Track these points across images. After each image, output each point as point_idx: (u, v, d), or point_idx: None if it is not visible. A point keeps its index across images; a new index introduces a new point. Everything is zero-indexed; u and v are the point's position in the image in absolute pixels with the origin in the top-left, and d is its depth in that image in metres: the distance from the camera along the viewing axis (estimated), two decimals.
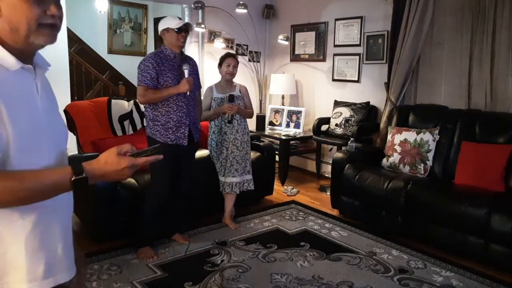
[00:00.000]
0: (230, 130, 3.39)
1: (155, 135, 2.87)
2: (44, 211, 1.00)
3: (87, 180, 0.96)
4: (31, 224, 0.98)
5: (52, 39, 1.00)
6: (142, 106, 3.86)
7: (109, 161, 1.00)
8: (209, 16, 5.08)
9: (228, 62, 3.39)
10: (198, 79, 3.13)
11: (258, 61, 5.63)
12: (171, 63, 2.88)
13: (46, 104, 1.06)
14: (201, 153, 3.62)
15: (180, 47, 2.91)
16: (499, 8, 3.43)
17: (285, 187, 4.58)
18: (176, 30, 2.82)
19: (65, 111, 3.53)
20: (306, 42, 5.33)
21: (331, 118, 4.70)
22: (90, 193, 3.01)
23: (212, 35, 5.17)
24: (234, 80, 3.54)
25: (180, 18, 2.93)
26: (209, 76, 5.08)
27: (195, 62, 3.10)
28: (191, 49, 5.12)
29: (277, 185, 4.47)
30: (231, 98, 3.36)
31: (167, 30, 2.85)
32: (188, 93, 2.85)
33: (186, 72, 2.85)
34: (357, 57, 4.71)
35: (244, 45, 5.44)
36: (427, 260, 2.93)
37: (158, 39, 2.99)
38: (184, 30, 2.86)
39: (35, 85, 1.03)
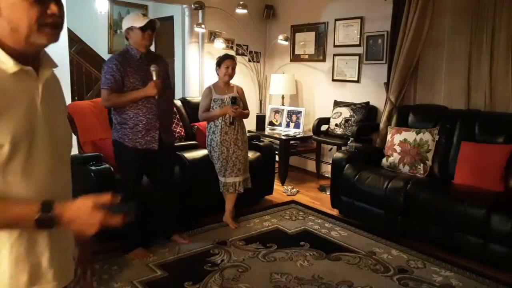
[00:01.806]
0: (231, 131, 3.40)
1: (123, 139, 2.71)
2: None
3: (53, 221, 0.89)
4: (17, 232, 0.94)
5: (55, 38, 0.97)
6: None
7: (83, 209, 0.92)
8: (209, 17, 5.09)
9: (227, 64, 3.40)
10: (168, 78, 2.96)
11: (258, 61, 5.64)
12: (137, 64, 2.70)
13: (50, 107, 1.01)
14: (201, 152, 3.63)
15: (146, 46, 2.72)
16: (498, 8, 3.44)
17: (285, 187, 4.59)
18: (141, 28, 2.63)
19: None
20: (306, 42, 5.34)
21: (331, 118, 4.71)
22: (91, 193, 3.01)
23: (212, 35, 5.18)
24: (232, 80, 3.55)
25: (144, 15, 2.73)
26: (209, 76, 5.09)
27: (165, 61, 2.95)
28: (191, 49, 5.14)
29: (277, 185, 4.47)
30: (234, 101, 3.37)
31: (131, 29, 2.67)
32: (156, 97, 2.67)
33: (154, 74, 2.66)
34: (357, 57, 4.71)
35: (244, 45, 5.45)
36: (426, 259, 2.93)
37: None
38: (150, 28, 2.66)
39: (37, 88, 0.98)
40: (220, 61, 3.44)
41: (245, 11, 4.91)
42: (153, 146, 2.77)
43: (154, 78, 2.66)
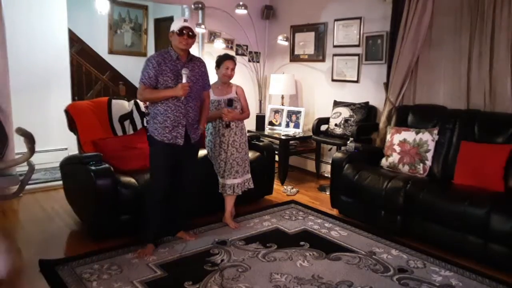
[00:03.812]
0: (228, 133, 3.38)
1: (153, 133, 2.92)
2: None
3: None
4: None
5: None
6: (142, 106, 3.88)
7: None
8: (209, 17, 5.09)
9: (227, 64, 3.37)
10: (205, 79, 3.09)
11: (258, 62, 5.64)
12: (172, 64, 2.89)
13: None
14: (200, 152, 3.63)
15: (182, 49, 2.92)
16: (498, 8, 3.44)
17: (285, 187, 4.59)
18: (177, 32, 2.85)
19: (65, 111, 3.54)
20: (305, 43, 5.34)
21: (331, 118, 4.71)
22: (91, 193, 3.02)
23: (212, 36, 5.19)
24: (232, 80, 3.52)
25: (185, 20, 2.92)
26: (209, 76, 5.08)
27: (203, 63, 3.09)
28: (191, 49, 5.13)
29: (276, 185, 4.47)
30: (230, 103, 3.34)
31: (172, 32, 2.91)
32: (182, 98, 2.85)
33: (184, 77, 2.84)
34: (357, 57, 4.72)
35: (244, 45, 5.45)
36: (426, 259, 2.93)
37: (158, 39, 3.04)
38: (186, 33, 2.86)
39: None
40: (219, 62, 3.41)
41: (245, 11, 4.91)
42: (178, 141, 2.92)
43: (184, 80, 2.84)
